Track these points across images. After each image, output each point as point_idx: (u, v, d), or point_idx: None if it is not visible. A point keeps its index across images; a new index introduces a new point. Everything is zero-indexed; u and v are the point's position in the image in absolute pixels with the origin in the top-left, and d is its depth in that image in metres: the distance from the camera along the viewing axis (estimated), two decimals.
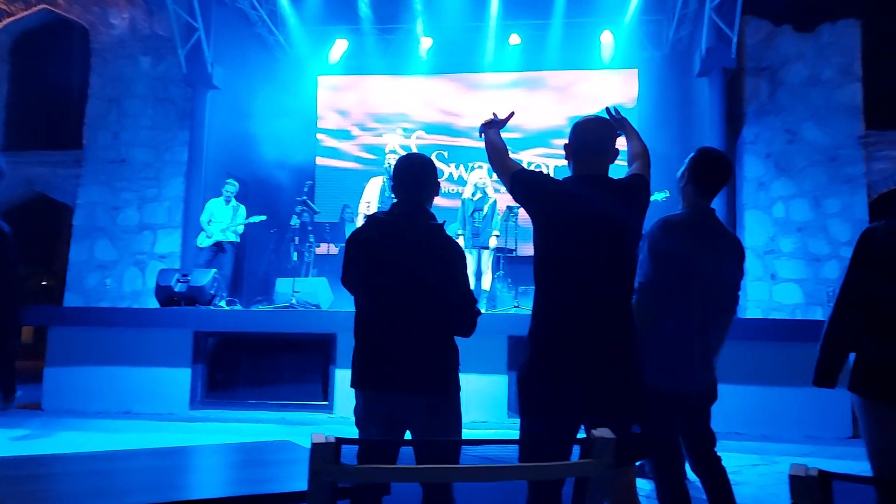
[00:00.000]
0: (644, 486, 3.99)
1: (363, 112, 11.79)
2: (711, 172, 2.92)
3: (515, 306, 7.86)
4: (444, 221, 2.78)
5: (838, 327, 2.69)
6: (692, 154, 2.98)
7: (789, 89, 9.77)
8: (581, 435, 2.24)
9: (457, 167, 11.22)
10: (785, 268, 9.51)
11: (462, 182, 10.43)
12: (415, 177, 2.72)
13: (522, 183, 2.54)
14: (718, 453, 2.99)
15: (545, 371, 2.40)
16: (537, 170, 2.79)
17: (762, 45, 9.90)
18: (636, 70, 11.19)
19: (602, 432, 1.60)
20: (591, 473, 1.59)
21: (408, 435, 2.60)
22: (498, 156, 2.65)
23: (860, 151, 9.53)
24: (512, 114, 2.91)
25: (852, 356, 2.76)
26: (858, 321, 2.66)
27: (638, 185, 2.54)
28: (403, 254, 2.60)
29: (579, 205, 2.43)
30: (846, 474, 1.10)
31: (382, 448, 2.49)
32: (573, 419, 2.39)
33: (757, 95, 9.82)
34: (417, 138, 11.46)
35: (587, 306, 2.38)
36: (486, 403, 6.48)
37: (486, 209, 8.38)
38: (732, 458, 5.33)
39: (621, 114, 2.83)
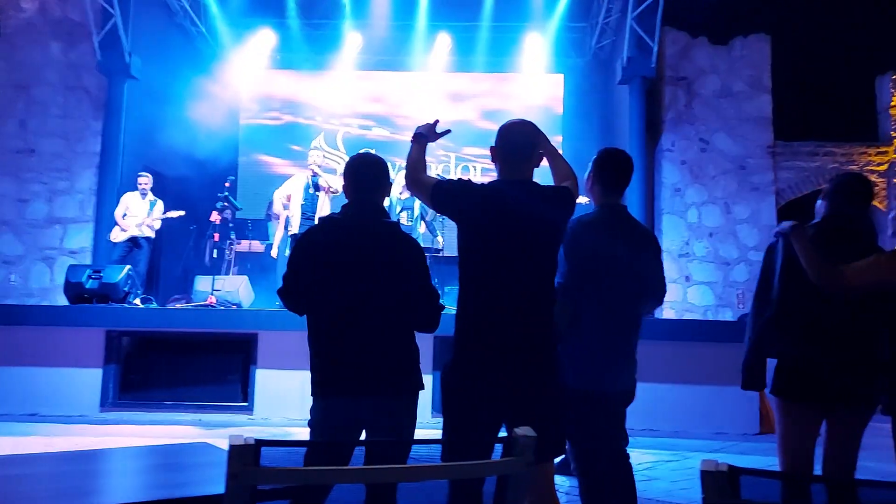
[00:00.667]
0: (562, 482, 4.07)
1: (288, 107, 11.59)
2: (615, 170, 3.01)
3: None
4: (399, 221, 2.77)
5: (763, 334, 2.82)
6: (595, 156, 3.08)
7: (703, 100, 10.17)
8: (503, 433, 2.28)
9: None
10: (698, 271, 9.90)
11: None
12: (368, 176, 2.68)
13: (444, 192, 2.57)
14: (629, 451, 3.08)
15: (467, 370, 2.43)
16: (459, 178, 2.80)
17: (680, 55, 10.27)
18: (562, 76, 11.43)
19: (524, 430, 1.62)
20: (512, 471, 1.61)
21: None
22: (415, 170, 2.70)
23: (768, 161, 10.01)
24: (448, 131, 2.95)
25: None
26: (781, 328, 2.80)
27: (564, 193, 2.60)
28: (363, 254, 2.55)
29: (502, 208, 2.47)
30: (754, 469, 1.16)
31: (329, 450, 2.45)
32: (494, 418, 2.42)
33: (674, 104, 10.19)
34: (344, 135, 11.35)
35: (509, 307, 2.42)
36: None
37: (416, 208, 8.37)
38: (646, 454, 5.52)
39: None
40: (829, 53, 10.89)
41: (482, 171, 10.66)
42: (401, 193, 8.49)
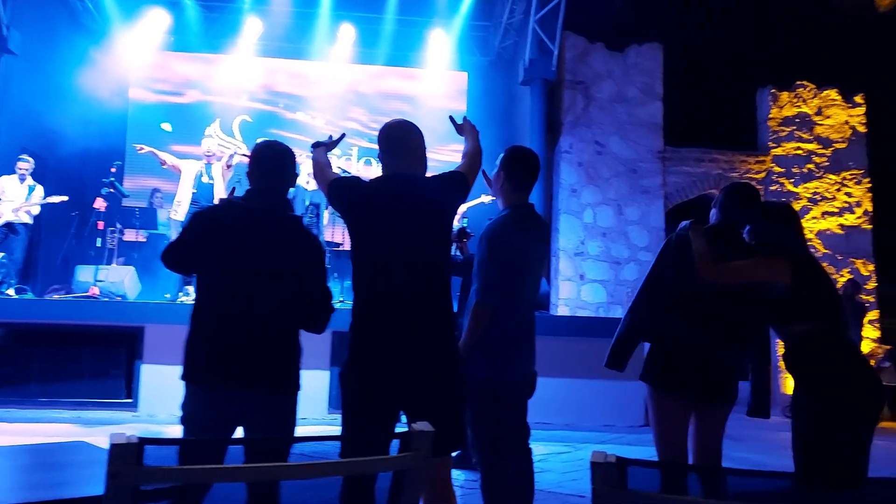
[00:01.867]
0: (457, 476, 4.10)
1: (181, 91, 11.12)
2: (525, 168, 3.08)
3: (340, 301, 7.79)
4: (303, 214, 2.70)
5: (634, 319, 2.95)
6: (502, 155, 3.13)
7: (600, 104, 10.52)
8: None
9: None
10: (591, 269, 10.25)
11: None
12: (274, 165, 2.60)
13: (336, 189, 2.57)
14: (530, 445, 3.15)
15: (364, 365, 2.41)
16: (352, 175, 2.80)
17: (578, 60, 10.58)
18: (465, 74, 11.52)
19: (420, 425, 1.61)
20: (408, 466, 1.60)
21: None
22: (320, 172, 2.73)
23: (658, 165, 10.48)
24: (343, 136, 2.95)
25: (646, 348, 3.04)
26: (654, 316, 2.93)
27: (453, 180, 2.62)
28: (259, 244, 2.47)
29: (389, 203, 2.47)
30: (639, 460, 1.20)
31: (205, 447, 2.35)
32: (392, 412, 2.42)
33: (573, 108, 10.48)
34: (241, 123, 11.00)
35: (402, 300, 2.42)
36: (307, 399, 6.32)
37: (322, 206, 8.23)
38: (540, 447, 5.66)
39: (468, 120, 2.94)
40: (716, 65, 11.53)
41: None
42: (307, 183, 8.31)
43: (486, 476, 2.95)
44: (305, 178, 8.35)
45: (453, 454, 2.56)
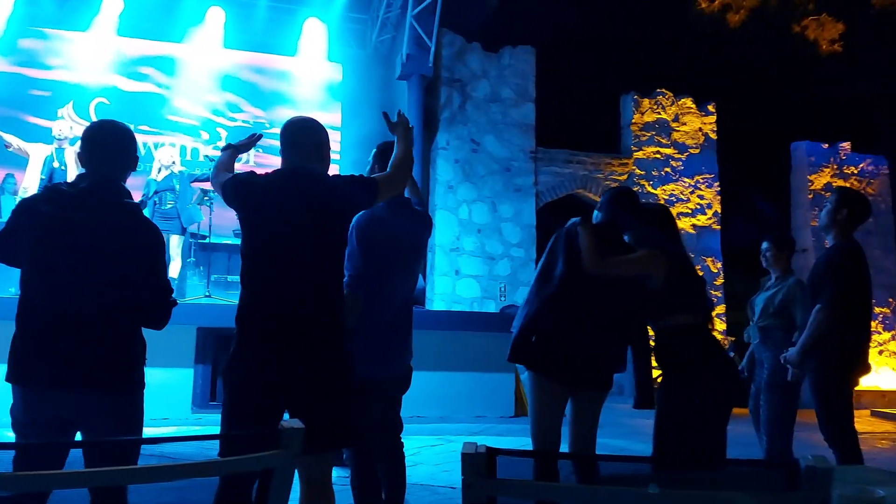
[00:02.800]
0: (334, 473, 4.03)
1: (30, 70, 10.25)
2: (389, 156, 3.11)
3: (207, 296, 7.48)
4: (143, 201, 2.53)
5: (531, 311, 3.05)
6: (375, 149, 3.15)
7: (475, 103, 10.72)
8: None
9: (144, 144, 10.28)
10: (466, 265, 10.42)
11: (150, 159, 9.60)
12: (108, 147, 2.41)
13: (230, 187, 2.49)
14: (402, 440, 3.16)
15: (249, 362, 2.33)
16: (249, 171, 2.70)
17: (455, 58, 10.72)
18: (341, 65, 11.37)
19: (291, 423, 1.57)
20: (276, 464, 1.55)
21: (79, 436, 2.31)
22: (218, 174, 2.66)
23: (530, 164, 10.82)
24: (259, 136, 2.88)
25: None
26: (552, 308, 3.03)
27: (361, 182, 2.58)
28: (90, 233, 2.28)
29: (284, 198, 2.41)
30: (508, 449, 1.22)
31: (43, 452, 2.17)
32: (276, 410, 2.35)
33: (450, 105, 10.61)
34: (98, 105, 10.28)
35: (291, 297, 2.36)
36: (169, 399, 6.04)
37: (176, 190, 7.81)
38: (413, 440, 5.69)
39: (405, 118, 2.86)
40: (585, 70, 12.04)
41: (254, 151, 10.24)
42: (159, 172, 7.88)
43: (357, 472, 2.93)
44: (157, 167, 7.94)
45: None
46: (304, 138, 2.54)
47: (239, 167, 2.83)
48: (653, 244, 3.10)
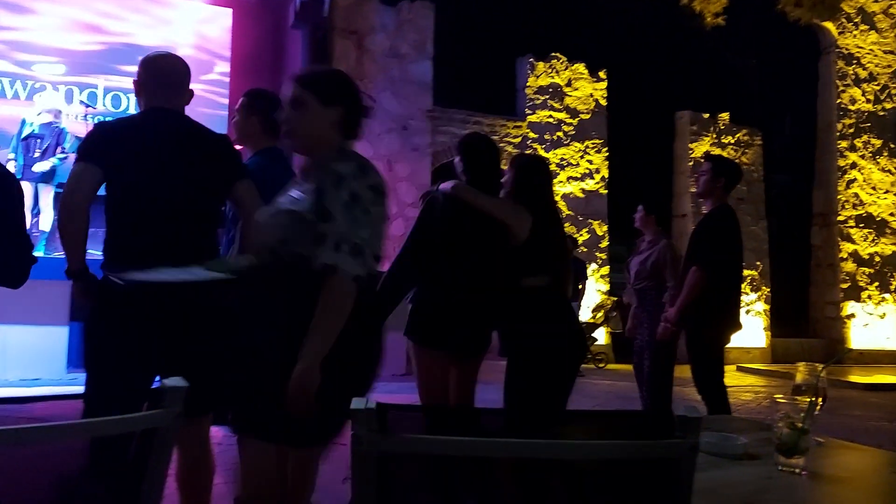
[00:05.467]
0: (215, 432, 3.95)
1: None
2: (269, 110, 3.02)
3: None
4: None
5: (396, 274, 3.04)
6: (243, 98, 3.06)
7: (373, 57, 10.51)
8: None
9: (12, 84, 9.46)
10: None
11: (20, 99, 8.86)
12: None
13: (87, 142, 2.30)
14: None
15: (115, 318, 2.21)
16: (103, 123, 2.51)
17: (353, 9, 10.44)
18: (230, 10, 10.83)
19: (173, 381, 1.51)
20: (158, 424, 1.49)
21: None
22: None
23: (427, 124, 10.77)
24: None
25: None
26: (413, 273, 3.04)
27: (224, 142, 2.48)
28: None
29: (150, 140, 2.29)
30: (398, 404, 1.23)
31: None
32: (147, 370, 2.24)
33: (346, 58, 10.35)
34: None
35: (161, 249, 2.24)
36: (41, 358, 5.70)
37: (51, 138, 7.30)
38: None
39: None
40: (482, 30, 12.04)
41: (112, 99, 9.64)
42: (38, 115, 7.34)
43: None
44: (35, 112, 7.39)
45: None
46: (168, 76, 2.41)
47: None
48: (524, 197, 3.13)
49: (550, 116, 11.68)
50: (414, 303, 3.07)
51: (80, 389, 2.23)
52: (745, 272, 11.33)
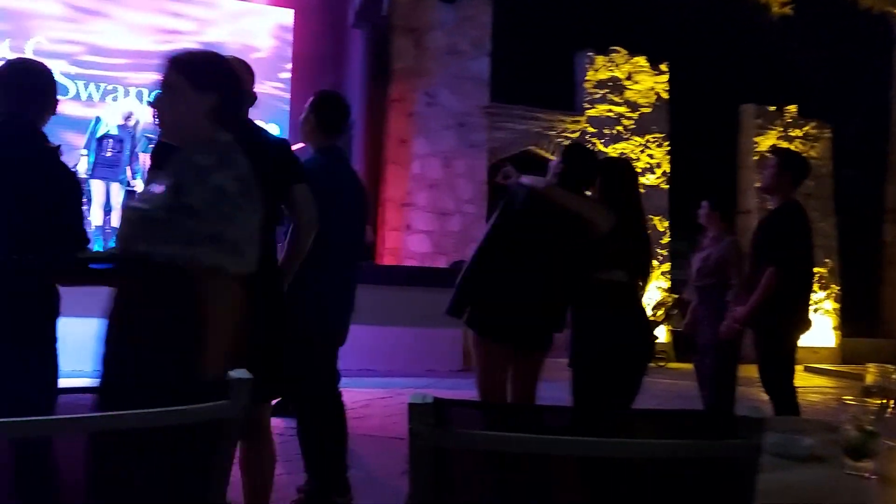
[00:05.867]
0: (277, 423, 4.05)
1: None
2: (334, 113, 3.07)
3: None
4: (60, 146, 2.41)
5: (477, 274, 3.05)
6: (311, 98, 3.09)
7: (432, 54, 10.55)
8: None
9: (87, 86, 9.88)
10: (418, 220, 10.39)
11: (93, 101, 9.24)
12: (22, 86, 2.30)
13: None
14: (343, 390, 3.19)
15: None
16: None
17: (412, 7, 10.49)
18: (293, 10, 11.03)
19: (238, 372, 1.56)
20: (225, 415, 1.55)
21: None
22: None
23: (485, 120, 10.76)
24: None
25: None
26: (491, 274, 3.05)
27: (284, 145, 2.58)
28: None
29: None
30: (456, 400, 1.24)
31: None
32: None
33: (404, 56, 10.42)
34: (37, 47, 9.81)
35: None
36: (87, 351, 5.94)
37: (123, 139, 7.61)
38: (363, 393, 5.74)
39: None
40: (540, 25, 11.94)
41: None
42: (127, 119, 7.68)
43: (305, 422, 2.97)
44: (110, 113, 7.72)
45: (273, 402, 2.53)
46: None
47: None
48: (609, 198, 3.12)
49: (610, 111, 11.51)
50: (479, 294, 3.06)
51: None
52: (814, 270, 10.93)
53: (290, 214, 2.57)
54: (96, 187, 7.59)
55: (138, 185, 7.61)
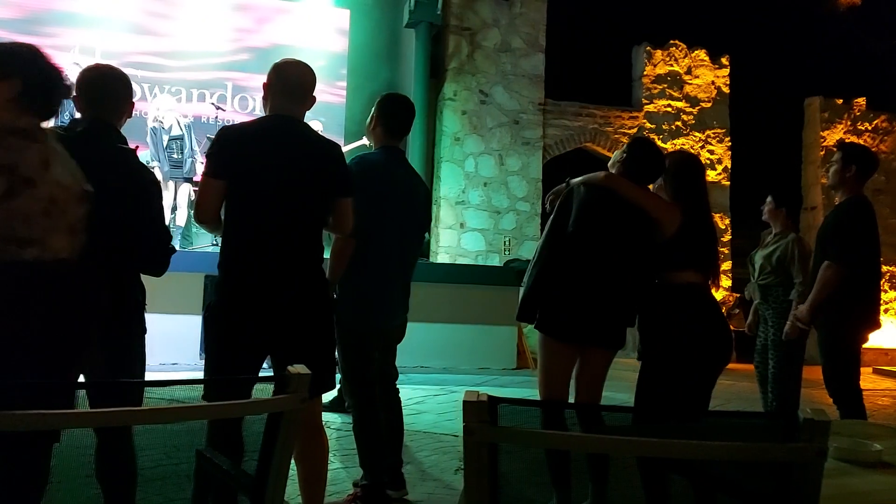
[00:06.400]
0: (333, 419, 4.12)
1: (32, 12, 10.11)
2: (398, 115, 3.14)
3: (214, 244, 7.52)
4: (137, 147, 2.53)
5: (544, 276, 3.02)
6: (379, 99, 3.17)
7: (485, 52, 10.54)
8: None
9: (157, 88, 10.17)
10: (472, 218, 10.41)
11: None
12: (103, 90, 2.40)
13: (214, 155, 2.45)
14: (399, 387, 3.22)
15: (232, 307, 2.37)
16: (228, 127, 2.67)
17: (465, 6, 10.50)
18: (348, 11, 11.17)
19: (297, 368, 1.60)
20: (285, 409, 1.59)
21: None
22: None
23: (539, 117, 10.69)
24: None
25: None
26: (556, 272, 3.02)
27: (334, 147, 2.60)
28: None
29: (271, 145, 2.44)
30: (510, 398, 1.24)
31: (52, 391, 2.20)
32: (258, 355, 2.41)
33: (458, 54, 10.44)
34: (104, 53, 10.17)
35: (272, 245, 2.41)
36: (177, 344, 6.14)
37: (187, 139, 7.88)
38: (418, 389, 5.78)
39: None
40: (596, 21, 11.81)
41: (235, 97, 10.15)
42: (175, 117, 7.95)
43: (358, 418, 3.01)
44: (167, 118, 7.99)
45: (327, 398, 2.58)
46: (296, 84, 2.53)
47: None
48: (677, 195, 3.05)
49: (669, 106, 11.30)
50: (544, 295, 3.02)
51: None
52: (884, 268, 10.53)
53: (332, 224, 2.61)
54: (165, 190, 7.93)
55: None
